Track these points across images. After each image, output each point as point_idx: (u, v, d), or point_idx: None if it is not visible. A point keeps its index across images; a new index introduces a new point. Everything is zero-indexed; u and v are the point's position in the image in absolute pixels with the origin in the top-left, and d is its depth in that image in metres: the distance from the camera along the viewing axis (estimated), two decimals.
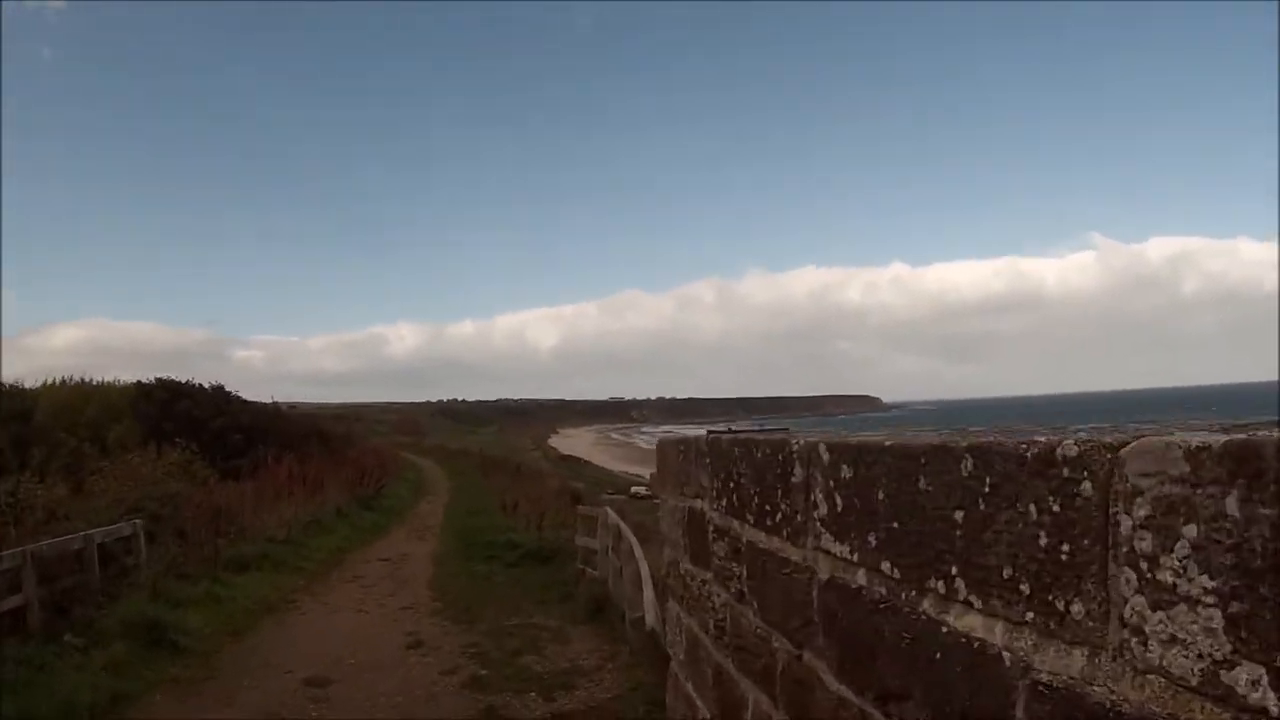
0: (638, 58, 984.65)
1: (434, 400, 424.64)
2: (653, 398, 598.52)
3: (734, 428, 5.49)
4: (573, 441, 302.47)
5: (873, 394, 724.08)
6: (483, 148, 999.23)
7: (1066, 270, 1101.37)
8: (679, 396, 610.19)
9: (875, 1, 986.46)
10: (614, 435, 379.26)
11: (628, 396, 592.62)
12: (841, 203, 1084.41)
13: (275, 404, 46.79)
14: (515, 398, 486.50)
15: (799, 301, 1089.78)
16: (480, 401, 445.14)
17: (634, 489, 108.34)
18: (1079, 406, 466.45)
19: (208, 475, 28.60)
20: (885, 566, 2.78)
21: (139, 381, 40.11)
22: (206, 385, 41.88)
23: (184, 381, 40.78)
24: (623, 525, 13.53)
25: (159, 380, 40.03)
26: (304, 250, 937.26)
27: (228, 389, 42.99)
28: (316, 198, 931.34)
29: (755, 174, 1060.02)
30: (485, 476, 50.21)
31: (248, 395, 45.96)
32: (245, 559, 18.09)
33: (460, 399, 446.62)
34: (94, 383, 40.64)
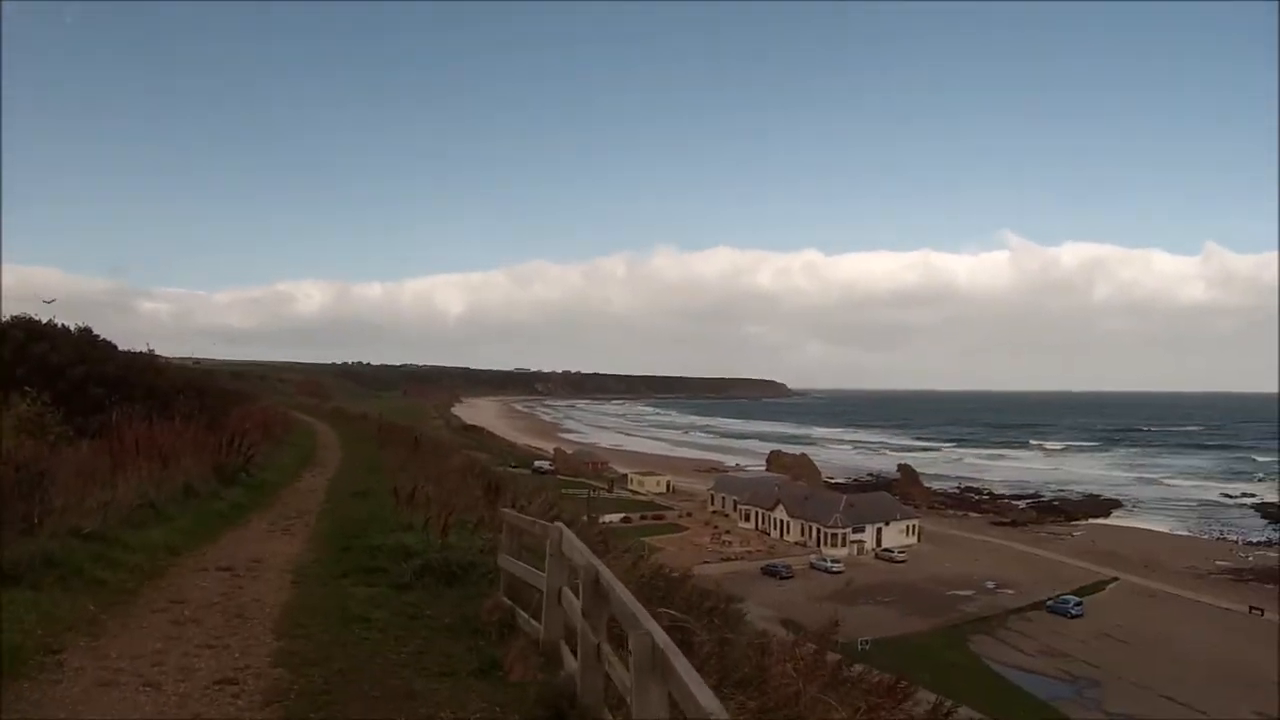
0: (560, 22, 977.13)
1: (339, 362, 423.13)
2: (558, 371, 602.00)
3: None
4: (476, 411, 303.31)
5: (779, 380, 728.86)
6: (398, 107, 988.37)
7: (979, 268, 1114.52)
8: (584, 370, 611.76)
9: None
10: (518, 407, 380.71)
11: (533, 368, 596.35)
12: (757, 186, 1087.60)
13: (151, 353, 41.31)
14: (421, 364, 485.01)
15: (710, 282, 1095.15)
16: (385, 365, 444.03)
17: (537, 463, 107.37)
18: (983, 404, 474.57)
19: (61, 433, 24.43)
20: None
21: None
22: (72, 327, 36.84)
23: (44, 322, 35.59)
24: (600, 567, 7.97)
25: (14, 318, 34.78)
26: (211, 197, 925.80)
27: (95, 332, 38.14)
28: (226, 142, 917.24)
29: (671, 150, 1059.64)
30: (382, 447, 44.68)
31: (157, 350, 43.58)
32: (19, 565, 12.43)
33: (365, 362, 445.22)
34: None
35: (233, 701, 8.97)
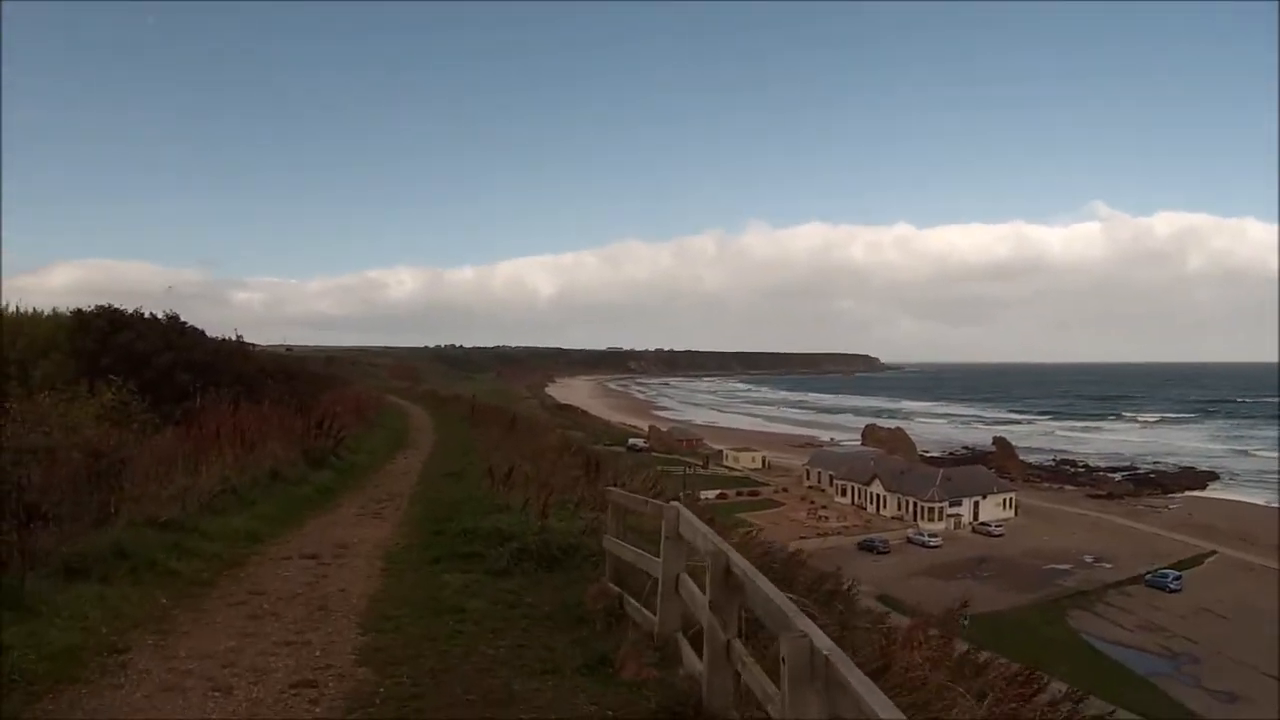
0: (643, 7, 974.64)
1: (431, 346, 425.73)
2: (650, 349, 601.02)
3: None
4: (570, 390, 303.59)
5: (871, 354, 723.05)
6: (486, 91, 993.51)
7: (1071, 239, 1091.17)
8: (676, 349, 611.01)
9: None
10: (611, 386, 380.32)
11: (625, 347, 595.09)
12: (847, 159, 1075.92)
13: (239, 339, 40.70)
14: (513, 345, 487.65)
15: (800, 258, 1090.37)
16: (478, 348, 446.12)
17: (631, 441, 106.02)
18: (1075, 376, 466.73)
19: (147, 420, 23.33)
20: None
21: (78, 310, 34.05)
22: (160, 316, 35.79)
23: (130, 311, 34.59)
24: (731, 554, 6.70)
25: (99, 308, 34.12)
26: (301, 190, 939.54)
27: (183, 320, 36.89)
28: (314, 136, 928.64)
29: (760, 126, 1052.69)
30: (475, 427, 43.78)
31: (247, 339, 42.71)
32: (88, 557, 11.49)
33: (458, 345, 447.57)
34: (26, 312, 34.94)
35: (310, 709, 7.88)
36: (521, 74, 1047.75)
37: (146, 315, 35.12)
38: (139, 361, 30.71)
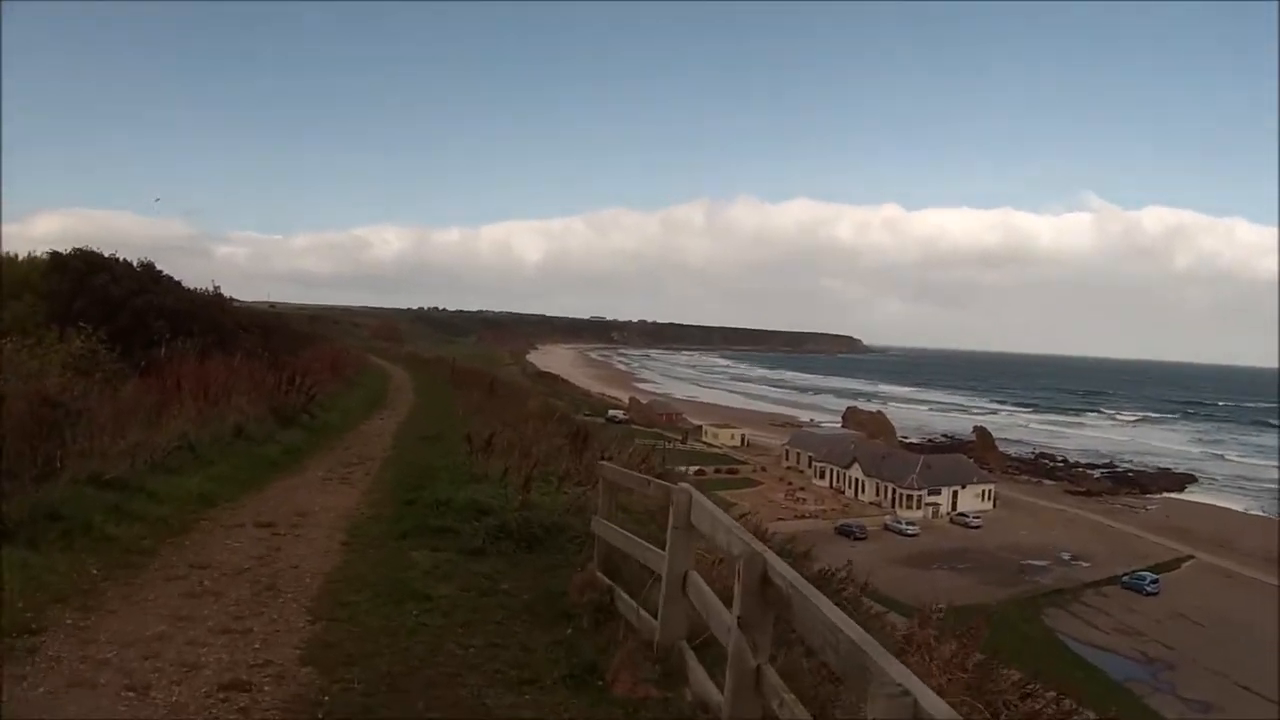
0: None
1: (415, 307, 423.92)
2: (634, 320, 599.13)
3: None
4: (551, 358, 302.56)
5: (855, 336, 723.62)
6: (478, 50, 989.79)
7: (1061, 229, 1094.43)
8: (660, 320, 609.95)
9: None
10: (593, 355, 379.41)
11: (609, 317, 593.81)
12: (838, 137, 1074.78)
13: (217, 290, 39.61)
14: (497, 310, 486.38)
15: (788, 233, 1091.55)
16: (461, 311, 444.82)
17: (611, 412, 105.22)
18: (1058, 369, 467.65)
19: (116, 370, 22.51)
20: None
21: (54, 251, 33.54)
22: (135, 262, 35.20)
23: (107, 255, 34.05)
24: (771, 558, 5.30)
25: (76, 250, 33.46)
26: (287, 141, 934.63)
27: (159, 268, 36.41)
28: (304, 92, 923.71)
29: (753, 98, 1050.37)
30: (456, 390, 42.59)
31: (231, 293, 42.97)
32: (15, 519, 10.21)
33: (441, 308, 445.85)
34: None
35: (242, 709, 6.60)
36: (516, 37, 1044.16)
37: (121, 260, 34.47)
38: (113, 305, 30.06)
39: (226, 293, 41.59)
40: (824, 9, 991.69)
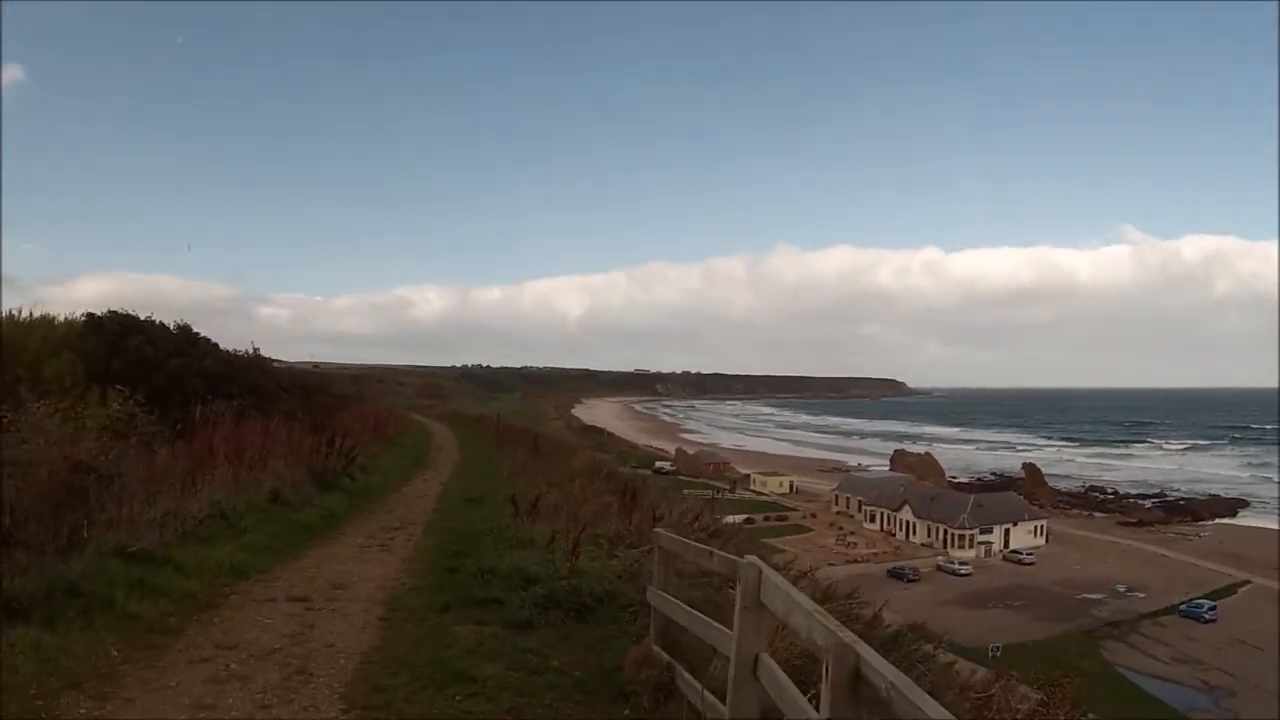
0: (673, 21, 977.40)
1: (458, 365, 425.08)
2: (678, 371, 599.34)
3: None
4: (596, 412, 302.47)
5: (898, 379, 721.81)
6: (517, 111, 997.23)
7: (1099, 263, 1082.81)
8: (704, 371, 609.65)
9: None
10: (638, 408, 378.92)
11: (652, 370, 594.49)
12: (875, 182, 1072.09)
13: (256, 352, 39.20)
14: (540, 366, 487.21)
15: (828, 281, 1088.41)
16: (504, 368, 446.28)
17: (658, 464, 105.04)
18: (1103, 401, 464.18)
19: (154, 433, 21.60)
20: None
21: (89, 313, 32.72)
22: (171, 325, 34.54)
23: (143, 317, 33.36)
24: (868, 655, 4.43)
25: (111, 312, 32.79)
26: (329, 205, 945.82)
27: (195, 330, 35.45)
28: (343, 153, 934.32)
29: (789, 149, 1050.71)
30: (500, 448, 41.83)
31: (273, 354, 43.31)
32: (33, 594, 9.57)
33: (484, 365, 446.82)
34: (39, 316, 33.83)
35: None
36: (551, 96, 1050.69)
37: (158, 322, 33.95)
38: (149, 367, 29.44)
39: (268, 354, 41.30)
40: (852, 57, 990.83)
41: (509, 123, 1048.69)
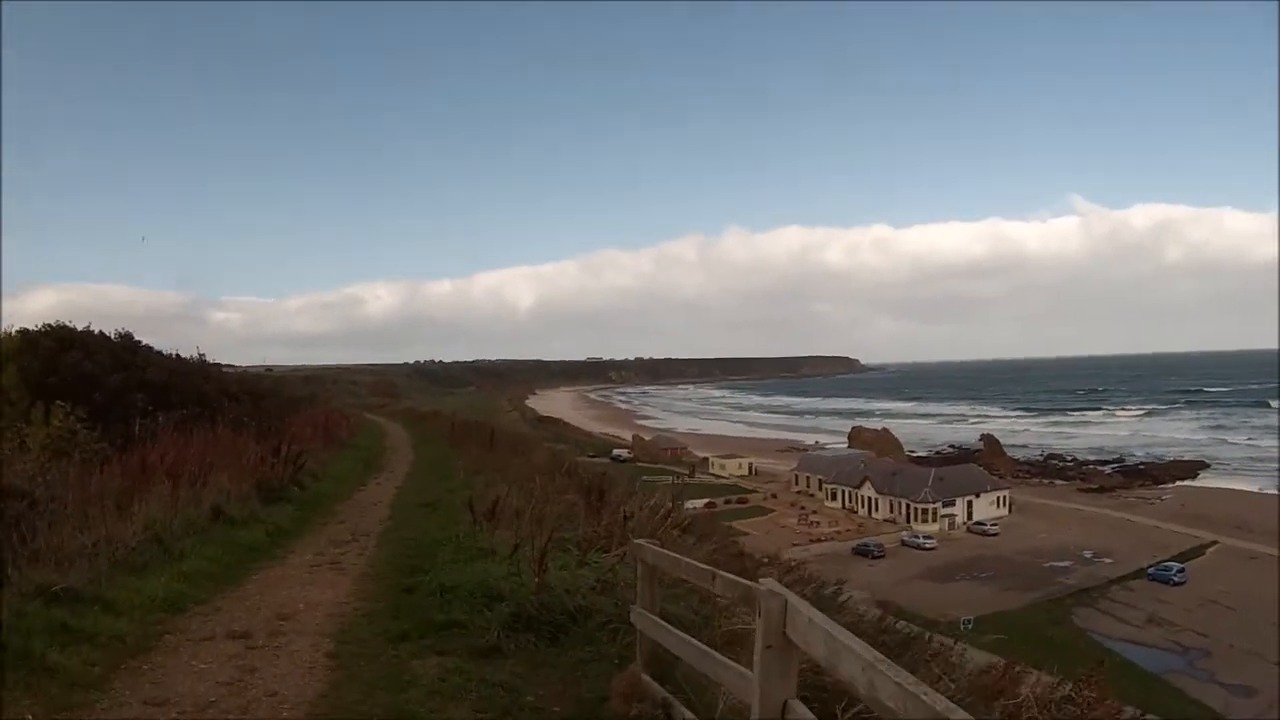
0: (618, 12, 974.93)
1: (410, 362, 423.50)
2: (631, 358, 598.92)
3: None
4: (551, 402, 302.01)
5: (853, 356, 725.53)
6: (463, 103, 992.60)
7: (1049, 234, 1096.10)
8: (656, 356, 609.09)
9: None
10: (592, 396, 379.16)
11: (605, 357, 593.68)
12: (823, 162, 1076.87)
13: (201, 359, 38.23)
14: (493, 358, 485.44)
15: (779, 262, 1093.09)
16: (457, 362, 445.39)
17: (615, 452, 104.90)
18: (1057, 371, 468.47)
19: (97, 450, 20.75)
20: None
21: (23, 329, 32.02)
22: (112, 334, 34.05)
23: (80, 329, 32.84)
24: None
25: (46, 326, 32.22)
26: (277, 207, 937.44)
27: (137, 338, 35.26)
28: (290, 153, 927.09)
29: (736, 131, 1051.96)
30: (455, 446, 40.65)
31: (227, 359, 40.96)
32: None
33: (437, 360, 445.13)
34: None
35: None
36: (497, 86, 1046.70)
37: (96, 333, 33.32)
38: (88, 383, 28.86)
39: (223, 359, 40.42)
40: (796, 38, 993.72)
41: (457, 117, 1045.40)
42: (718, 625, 8.99)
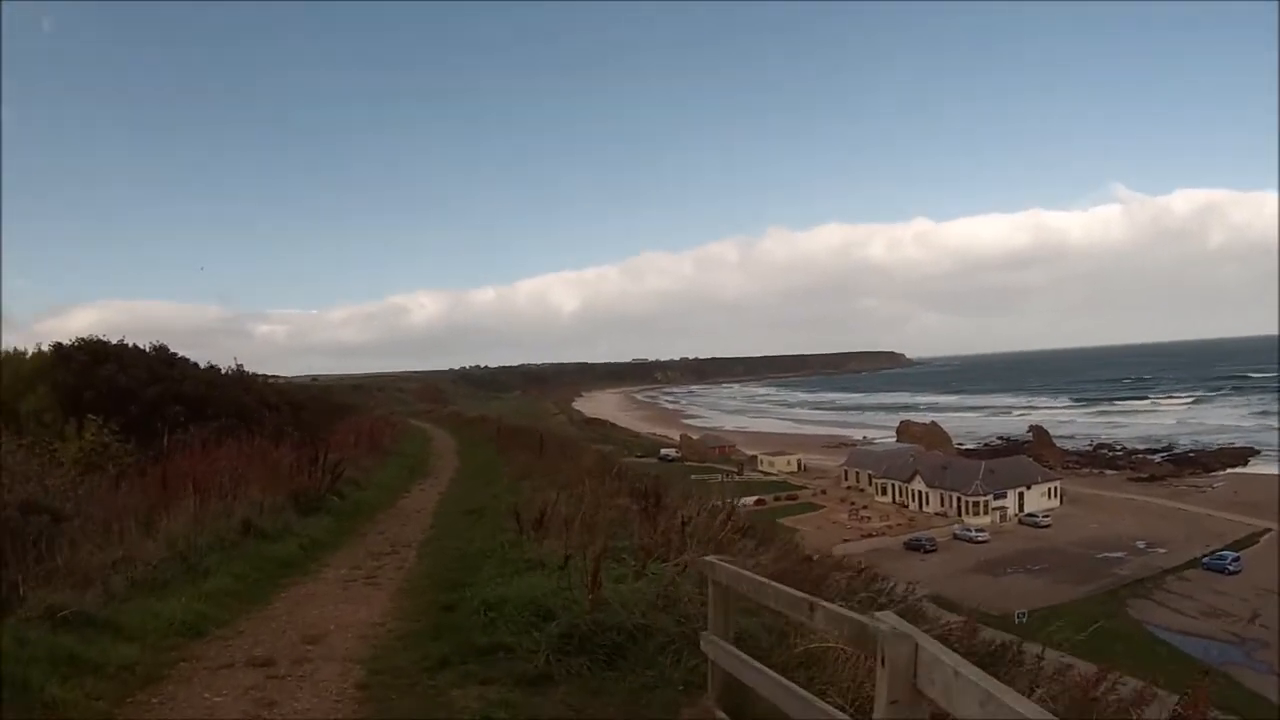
0: (654, 13, 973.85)
1: (456, 368, 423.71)
2: (676, 359, 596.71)
3: None
4: (597, 404, 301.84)
5: (897, 350, 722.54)
6: (500, 114, 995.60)
7: (1091, 223, 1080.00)
8: (702, 356, 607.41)
9: None
10: (639, 397, 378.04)
11: (651, 358, 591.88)
12: (863, 158, 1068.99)
13: (239, 369, 37.64)
14: (538, 363, 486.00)
15: (821, 259, 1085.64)
16: (503, 367, 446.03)
17: (663, 451, 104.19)
18: (1102, 360, 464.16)
19: (130, 463, 20.71)
20: None
21: (57, 344, 31.48)
22: (146, 347, 33.50)
23: (114, 342, 32.20)
24: None
25: (80, 340, 31.53)
26: (317, 219, 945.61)
27: (177, 352, 34.94)
28: (328, 166, 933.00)
29: (773, 130, 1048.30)
30: (501, 450, 39.68)
31: (272, 370, 40.81)
32: None
33: (482, 365, 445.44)
34: (9, 352, 32.49)
35: None
36: (533, 92, 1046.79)
37: (131, 346, 32.79)
38: (123, 397, 28.38)
39: (268, 371, 39.88)
40: (831, 35, 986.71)
41: (495, 124, 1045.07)
42: (793, 644, 7.90)
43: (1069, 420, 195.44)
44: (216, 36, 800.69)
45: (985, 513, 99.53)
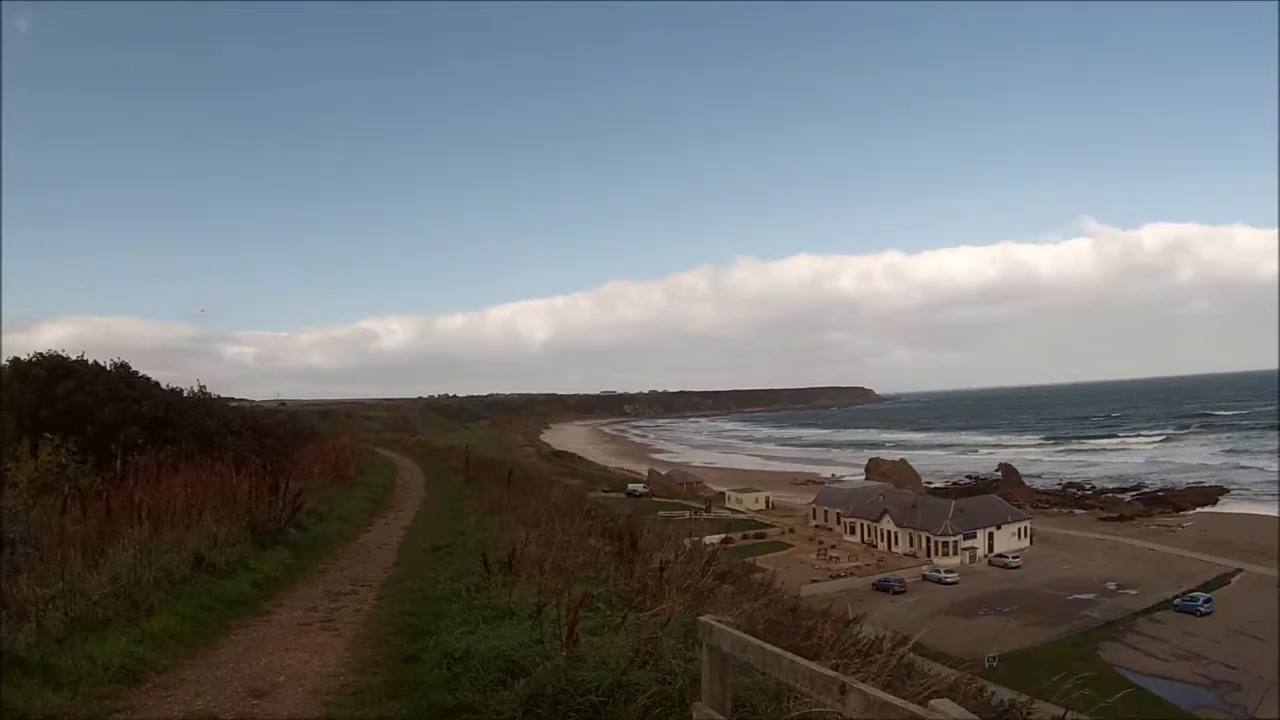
0: (625, 46, 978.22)
1: (425, 396, 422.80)
2: (645, 391, 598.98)
3: None
4: (565, 436, 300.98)
5: (867, 386, 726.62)
6: (472, 139, 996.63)
7: (1061, 257, 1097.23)
8: (670, 389, 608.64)
9: None
10: (607, 430, 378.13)
11: (619, 390, 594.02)
12: (834, 190, 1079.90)
13: (202, 391, 36.85)
14: (506, 392, 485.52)
15: (791, 291, 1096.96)
16: (471, 396, 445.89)
17: (631, 487, 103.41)
18: (1072, 397, 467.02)
19: (86, 486, 18.94)
20: None
21: (15, 358, 31.42)
22: (107, 364, 33.16)
23: (74, 358, 31.95)
24: None
25: (38, 355, 31.30)
26: (290, 240, 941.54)
27: (133, 368, 34.36)
28: (302, 187, 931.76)
29: (747, 161, 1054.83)
30: (469, 483, 38.76)
31: (241, 393, 39.16)
32: None
33: (451, 394, 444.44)
34: None
35: None
36: (506, 118, 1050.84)
37: (90, 363, 32.47)
38: (81, 414, 28.16)
39: (236, 393, 39.17)
40: (804, 64, 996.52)
41: (466, 150, 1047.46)
42: (788, 709, 7.07)
43: (1038, 459, 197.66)
44: (195, 48, 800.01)
45: (955, 553, 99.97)
